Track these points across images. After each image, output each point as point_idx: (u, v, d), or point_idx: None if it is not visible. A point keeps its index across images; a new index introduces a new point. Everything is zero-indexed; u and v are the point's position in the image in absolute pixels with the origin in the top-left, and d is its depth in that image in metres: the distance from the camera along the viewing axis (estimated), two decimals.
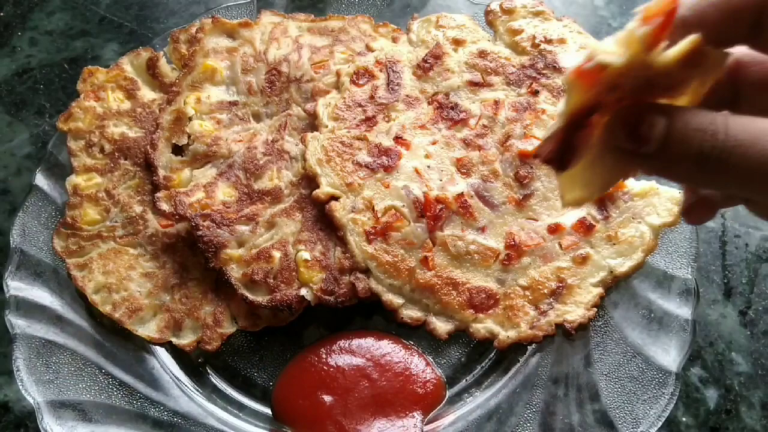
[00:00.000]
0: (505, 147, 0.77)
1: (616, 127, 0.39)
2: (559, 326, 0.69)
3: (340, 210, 0.74)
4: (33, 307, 0.73)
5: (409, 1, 0.96)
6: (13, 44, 1.01)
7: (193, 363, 0.75)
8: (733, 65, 0.44)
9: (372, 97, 0.81)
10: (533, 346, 0.74)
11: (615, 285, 0.73)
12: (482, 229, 0.73)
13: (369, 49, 0.85)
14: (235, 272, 0.73)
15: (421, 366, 0.72)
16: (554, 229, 0.73)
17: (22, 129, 0.94)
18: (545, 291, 0.70)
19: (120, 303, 0.74)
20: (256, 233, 0.75)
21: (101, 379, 0.71)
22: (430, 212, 0.73)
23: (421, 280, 0.71)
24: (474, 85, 0.82)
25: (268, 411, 0.73)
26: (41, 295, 0.74)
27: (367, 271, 0.72)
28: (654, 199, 0.74)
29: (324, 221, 0.75)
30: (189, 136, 0.80)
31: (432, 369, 0.73)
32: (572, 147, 0.40)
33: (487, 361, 0.75)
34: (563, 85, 0.46)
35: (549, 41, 0.85)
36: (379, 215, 0.73)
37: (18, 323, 0.72)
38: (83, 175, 0.80)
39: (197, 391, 0.73)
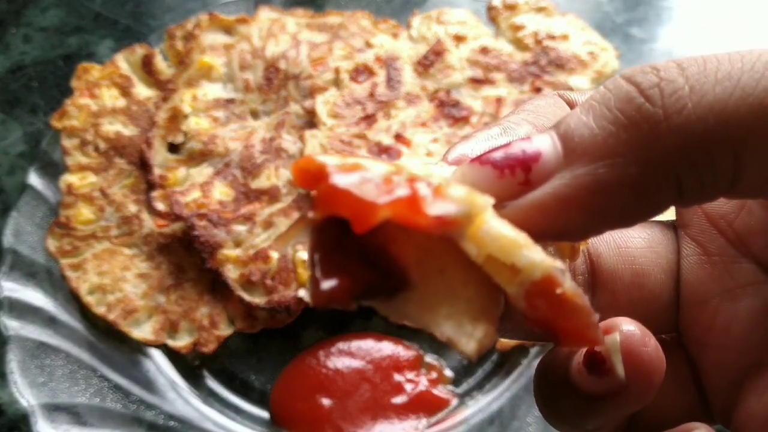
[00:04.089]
0: None
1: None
2: None
3: None
4: (27, 308, 0.72)
5: None
6: (7, 41, 1.00)
7: (189, 365, 0.74)
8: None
9: (372, 95, 0.80)
10: (536, 348, 0.72)
11: None
12: None
13: (368, 45, 0.84)
14: (231, 273, 0.72)
15: None
16: None
17: (15, 127, 0.93)
18: None
19: (115, 304, 0.73)
20: (253, 233, 0.74)
21: (96, 381, 0.70)
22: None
23: None
24: (476, 82, 0.81)
25: (265, 414, 0.72)
26: (35, 297, 0.73)
27: None
28: None
29: None
30: (185, 135, 0.79)
31: None
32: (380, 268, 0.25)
33: (489, 363, 0.74)
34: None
35: (552, 38, 0.84)
36: None
37: (12, 325, 0.71)
38: (77, 174, 0.79)
39: (193, 394, 0.72)
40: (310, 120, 0.80)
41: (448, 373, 0.73)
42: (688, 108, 0.23)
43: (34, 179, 0.79)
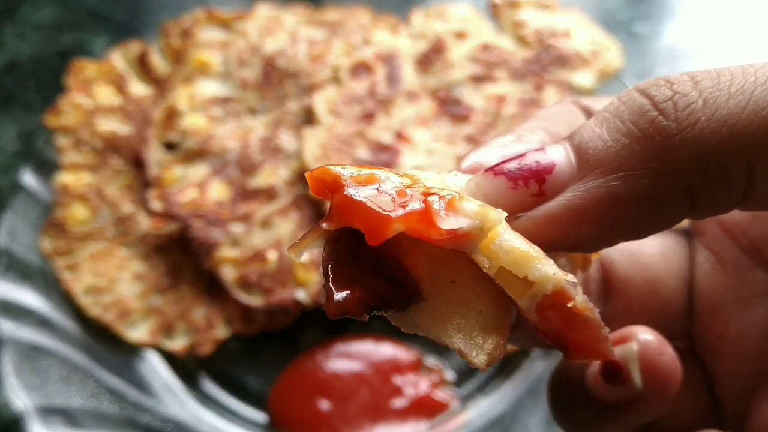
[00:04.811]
0: None
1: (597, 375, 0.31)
2: None
3: None
4: (21, 310, 0.71)
5: None
6: (1, 38, 0.99)
7: (185, 368, 0.73)
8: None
9: (371, 92, 0.79)
10: (538, 351, 0.71)
11: None
12: None
13: (368, 42, 0.83)
14: (228, 274, 0.71)
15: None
16: None
17: (9, 125, 0.92)
18: None
19: (110, 306, 0.72)
20: (250, 233, 0.73)
21: (91, 384, 0.69)
22: None
23: None
24: (477, 79, 0.80)
25: (264, 418, 0.71)
26: (29, 298, 0.72)
27: None
28: None
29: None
30: (182, 133, 0.78)
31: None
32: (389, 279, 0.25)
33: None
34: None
35: (554, 35, 0.83)
36: None
37: (6, 326, 0.70)
38: (72, 173, 0.78)
39: (190, 396, 0.71)
40: (308, 118, 0.78)
41: (449, 375, 0.72)
42: (702, 121, 0.23)
43: (29, 179, 0.78)
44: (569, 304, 0.24)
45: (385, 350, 0.72)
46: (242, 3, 0.90)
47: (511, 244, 0.24)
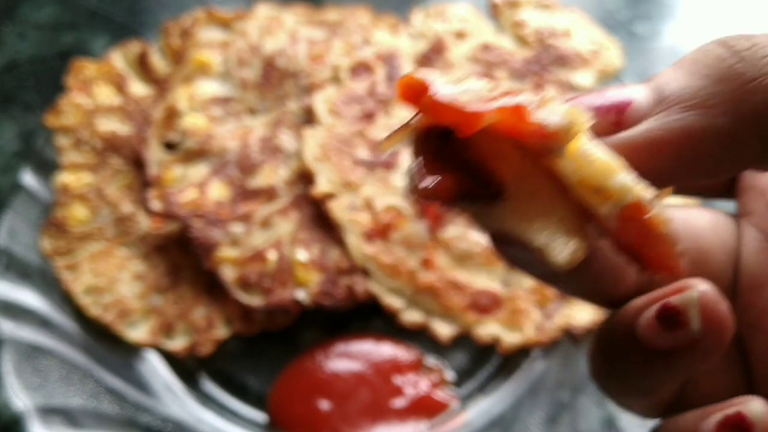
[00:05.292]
0: None
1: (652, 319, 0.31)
2: (567, 330, 0.66)
3: (338, 209, 0.72)
4: (21, 310, 0.71)
5: None
6: (1, 38, 0.99)
7: (185, 368, 0.73)
8: None
9: (371, 92, 0.79)
10: (538, 351, 0.71)
11: None
12: None
13: (368, 42, 0.83)
14: (228, 274, 0.71)
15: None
16: None
17: (9, 125, 0.92)
18: (551, 293, 0.68)
19: (110, 306, 0.72)
20: (250, 233, 0.73)
21: (91, 384, 0.69)
22: (432, 211, 0.71)
23: (422, 282, 0.69)
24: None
25: (263, 418, 0.71)
26: (29, 298, 0.72)
27: (366, 273, 0.70)
28: None
29: (321, 221, 0.73)
30: (182, 133, 0.78)
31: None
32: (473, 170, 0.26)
33: (490, 365, 0.73)
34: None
35: (554, 35, 0.83)
36: (379, 214, 0.71)
37: (6, 326, 0.70)
38: (72, 173, 0.78)
39: (190, 396, 0.71)
40: (308, 118, 0.78)
41: (449, 375, 0.72)
42: None
43: (29, 178, 0.78)
44: (646, 216, 0.24)
45: (385, 350, 0.72)
46: (242, 3, 0.89)
47: (594, 152, 0.25)
